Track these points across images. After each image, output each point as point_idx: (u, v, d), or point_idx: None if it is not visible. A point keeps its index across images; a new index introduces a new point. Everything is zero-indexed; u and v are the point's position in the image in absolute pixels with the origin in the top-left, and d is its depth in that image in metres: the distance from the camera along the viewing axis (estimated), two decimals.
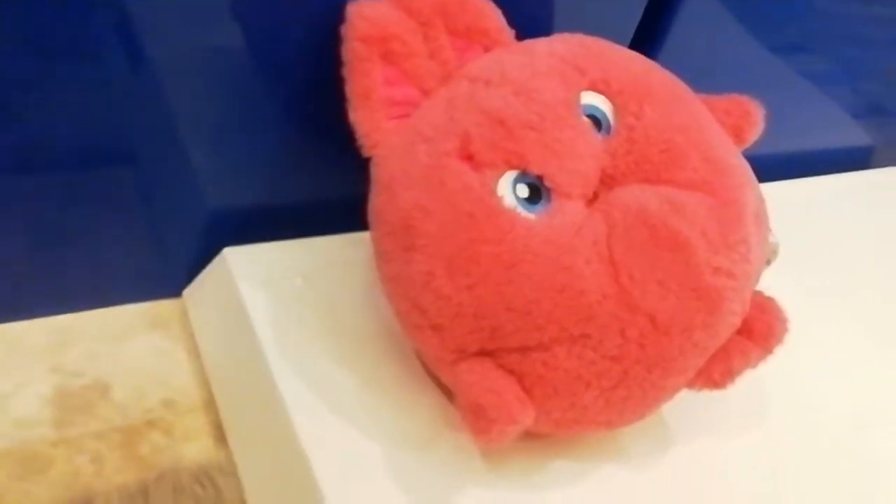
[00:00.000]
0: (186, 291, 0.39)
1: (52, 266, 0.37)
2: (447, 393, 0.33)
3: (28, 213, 0.35)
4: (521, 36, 0.35)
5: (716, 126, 0.34)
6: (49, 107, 0.32)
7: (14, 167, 0.33)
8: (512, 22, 0.35)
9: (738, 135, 0.36)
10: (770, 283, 0.33)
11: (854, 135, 0.61)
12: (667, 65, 0.38)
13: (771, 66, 0.52)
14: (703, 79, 0.36)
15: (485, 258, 0.28)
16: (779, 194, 0.53)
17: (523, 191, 0.30)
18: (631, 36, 0.43)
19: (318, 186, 0.39)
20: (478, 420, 0.27)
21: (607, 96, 0.32)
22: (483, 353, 0.29)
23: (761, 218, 0.32)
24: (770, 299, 0.32)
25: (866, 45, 0.55)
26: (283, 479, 0.31)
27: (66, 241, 0.36)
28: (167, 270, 0.39)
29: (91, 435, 0.33)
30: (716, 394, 0.31)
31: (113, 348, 0.36)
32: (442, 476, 0.30)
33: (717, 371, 0.30)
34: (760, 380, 0.37)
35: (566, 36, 0.35)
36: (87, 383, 0.35)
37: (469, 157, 0.30)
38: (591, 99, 0.32)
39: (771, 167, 0.55)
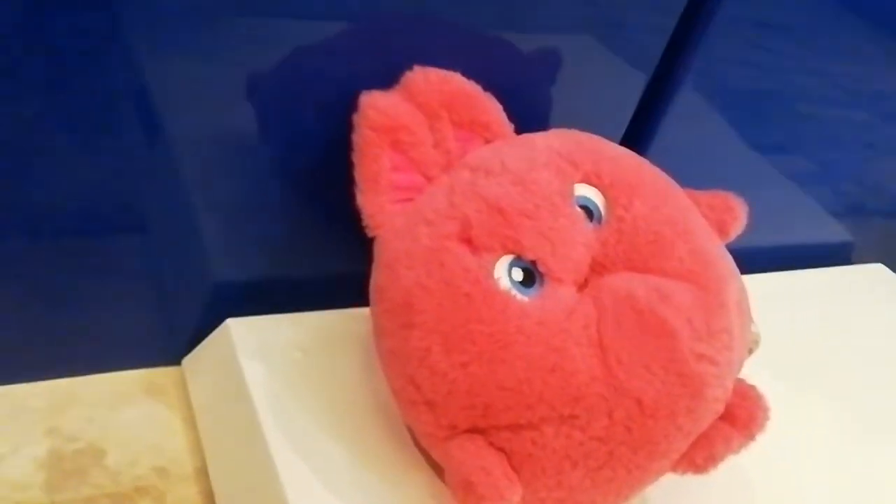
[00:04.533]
0: (186, 360, 0.40)
1: (55, 330, 0.38)
2: (437, 470, 0.33)
3: (34, 277, 0.36)
4: (519, 130, 0.37)
5: (701, 220, 0.36)
6: (62, 175, 0.34)
7: (23, 231, 0.35)
8: (512, 116, 0.37)
9: (721, 229, 0.37)
10: (752, 371, 0.34)
11: (835, 232, 0.64)
12: (656, 161, 0.40)
13: (756, 165, 0.55)
14: (690, 175, 0.38)
15: (480, 337, 0.30)
16: (763, 286, 0.55)
17: (518, 274, 0.31)
18: (623, 132, 0.46)
19: (322, 263, 0.40)
20: (467, 496, 0.28)
21: (599, 189, 0.34)
22: (474, 431, 0.30)
23: (743, 308, 0.34)
24: (752, 387, 0.33)
25: (846, 148, 0.58)
26: None
27: (69, 305, 0.38)
28: (168, 339, 0.40)
29: (81, 500, 0.33)
30: (698, 478, 0.32)
31: (109, 413, 0.37)
32: None
33: (699, 456, 0.31)
34: (741, 465, 0.38)
35: (562, 131, 0.37)
36: (81, 448, 0.35)
37: (468, 241, 0.31)
38: (584, 191, 0.34)
39: (756, 259, 0.57)
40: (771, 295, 0.53)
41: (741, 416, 0.32)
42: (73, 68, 0.31)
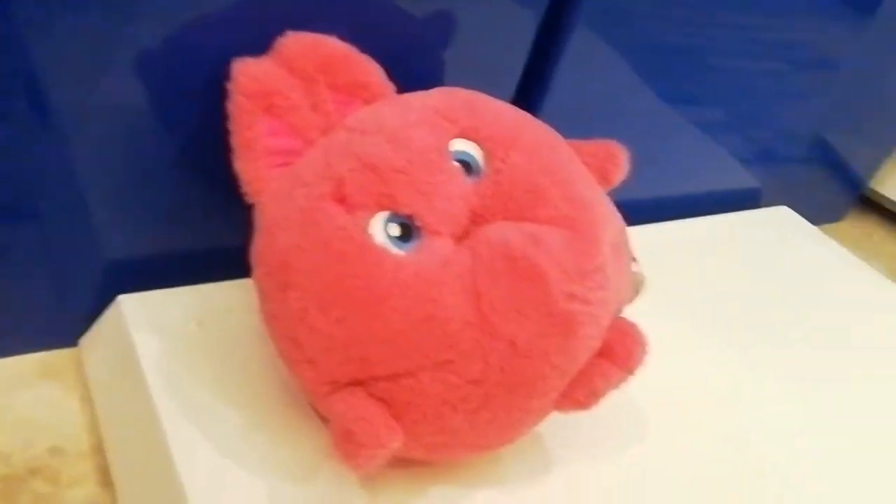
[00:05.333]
0: (82, 340, 0.40)
1: None
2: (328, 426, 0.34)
3: None
4: (406, 90, 0.38)
5: (581, 168, 0.37)
6: None
7: None
8: (398, 78, 0.38)
9: (603, 176, 0.38)
10: (648, 312, 0.35)
11: (744, 179, 0.66)
12: (553, 114, 0.41)
13: (664, 116, 0.56)
14: (591, 127, 0.39)
15: (354, 292, 0.30)
16: (670, 233, 0.57)
17: (395, 230, 0.32)
18: (513, 90, 0.46)
19: (210, 234, 0.40)
20: (347, 445, 0.29)
21: (477, 142, 0.35)
22: (355, 383, 0.30)
23: (621, 249, 0.35)
24: (631, 324, 0.34)
25: (756, 96, 0.60)
26: None
27: None
28: (64, 320, 0.40)
29: None
30: (590, 415, 0.33)
31: (2, 398, 0.36)
32: None
33: (580, 393, 0.32)
34: (632, 400, 0.39)
35: (444, 89, 0.37)
36: None
37: (342, 200, 0.32)
38: (461, 146, 0.35)
39: (666, 208, 0.59)
40: (677, 241, 0.55)
41: (620, 352, 0.33)
42: None
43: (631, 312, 0.35)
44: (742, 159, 0.63)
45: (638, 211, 0.43)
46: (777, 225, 0.62)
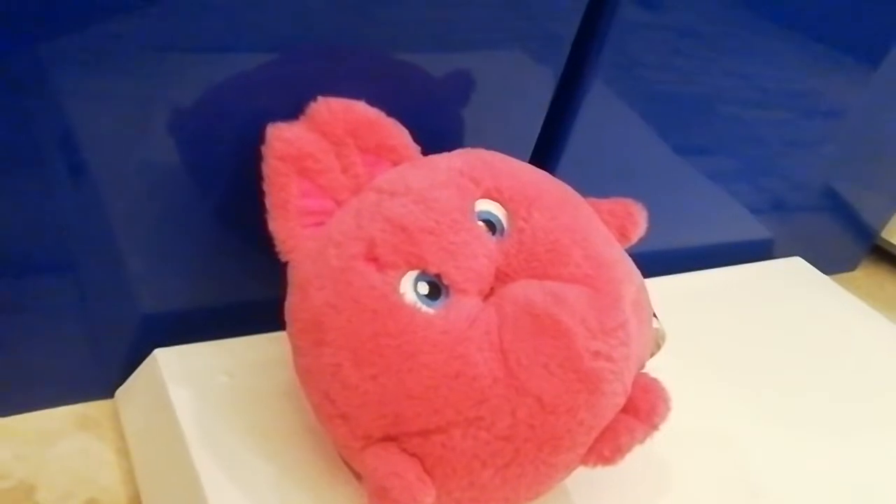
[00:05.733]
0: (118, 392, 0.41)
1: None
2: (361, 481, 0.35)
3: None
4: (429, 152, 0.39)
5: (600, 226, 0.38)
6: None
7: None
8: (421, 139, 0.39)
9: (622, 233, 0.40)
10: (667, 365, 0.36)
11: (755, 229, 0.67)
12: (570, 170, 0.42)
13: (676, 167, 0.57)
14: (607, 181, 0.40)
15: (387, 350, 0.31)
16: (682, 285, 0.58)
17: (424, 288, 0.33)
18: (531, 148, 0.48)
19: (243, 289, 0.42)
20: (382, 501, 0.30)
21: (500, 203, 0.36)
22: (387, 439, 0.31)
23: (642, 306, 0.36)
24: (654, 380, 0.35)
25: (767, 145, 0.61)
26: None
27: None
28: (101, 373, 0.41)
29: None
30: (614, 468, 0.34)
31: (40, 449, 0.37)
32: None
33: (606, 448, 0.33)
34: (654, 452, 0.40)
35: (466, 151, 0.39)
36: (12, 485, 0.36)
37: (374, 260, 0.33)
38: (485, 206, 0.36)
39: (677, 261, 0.60)
40: (690, 293, 0.56)
41: (644, 407, 0.34)
42: None
43: (650, 365, 0.36)
44: (754, 210, 0.64)
45: (653, 263, 0.44)
46: (790, 276, 0.63)
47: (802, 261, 0.65)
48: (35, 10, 0.31)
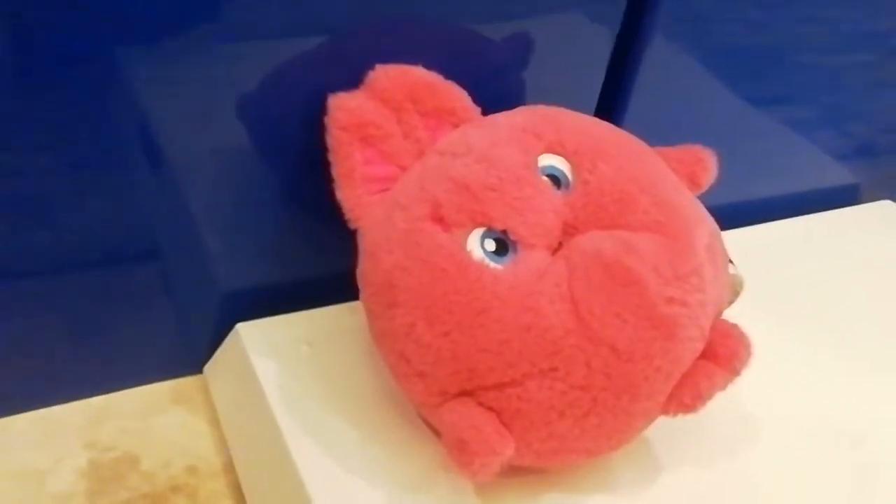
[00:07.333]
0: (207, 367, 0.43)
1: (86, 353, 0.41)
2: (440, 436, 0.35)
3: (65, 309, 0.39)
4: (489, 113, 0.39)
5: (668, 174, 0.37)
6: (78, 212, 0.37)
7: (53, 270, 0.38)
8: (484, 101, 0.39)
9: (692, 180, 0.39)
10: (747, 313, 0.35)
11: (841, 175, 0.64)
12: (637, 123, 0.41)
13: (753, 117, 0.55)
14: (675, 135, 0.39)
15: (457, 307, 0.32)
16: (768, 234, 0.56)
17: (491, 245, 0.33)
18: (594, 105, 0.47)
19: (317, 262, 0.43)
20: (461, 454, 0.30)
21: (564, 156, 0.36)
22: (464, 394, 0.32)
23: (716, 251, 0.35)
24: (733, 326, 0.34)
25: (851, 90, 0.58)
26: None
27: (97, 330, 0.41)
28: (189, 350, 0.43)
29: (121, 502, 0.36)
30: (698, 419, 0.33)
31: (141, 423, 0.40)
32: None
33: (686, 395, 0.32)
34: (738, 403, 0.39)
35: (527, 108, 0.39)
36: (117, 456, 0.38)
37: (440, 220, 0.33)
38: (549, 160, 0.36)
39: (761, 210, 0.58)
40: (775, 243, 0.54)
41: (723, 353, 0.33)
42: (75, 116, 0.34)
43: (731, 315, 0.35)
44: (838, 155, 0.61)
45: (732, 216, 0.43)
46: (880, 220, 0.60)
47: (892, 203, 0.62)
48: (107, 8, 0.32)
